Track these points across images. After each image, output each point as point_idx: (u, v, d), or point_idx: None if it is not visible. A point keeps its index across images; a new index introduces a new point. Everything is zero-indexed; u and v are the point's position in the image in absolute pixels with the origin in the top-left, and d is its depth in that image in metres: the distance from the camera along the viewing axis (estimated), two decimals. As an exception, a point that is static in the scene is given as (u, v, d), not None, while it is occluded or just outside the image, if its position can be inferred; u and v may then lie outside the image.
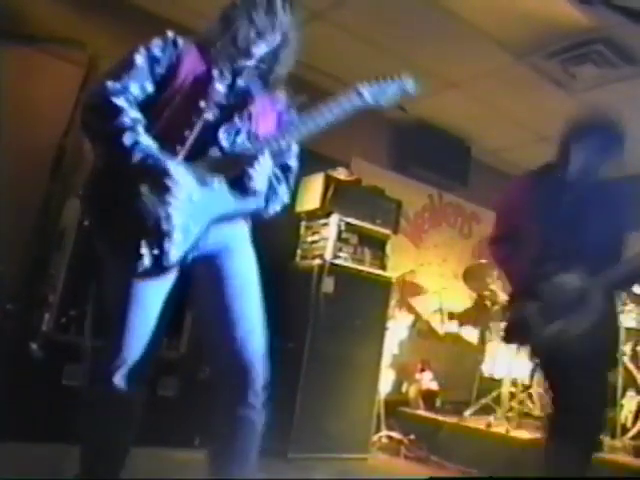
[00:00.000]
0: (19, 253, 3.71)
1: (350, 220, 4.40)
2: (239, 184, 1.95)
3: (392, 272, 4.63)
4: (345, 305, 4.18)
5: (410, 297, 5.52)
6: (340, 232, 4.32)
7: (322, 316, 4.08)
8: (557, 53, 4.29)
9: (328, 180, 4.45)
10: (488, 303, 5.14)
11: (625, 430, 4.01)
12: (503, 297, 4.93)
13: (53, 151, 3.90)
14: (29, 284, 3.63)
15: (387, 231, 4.68)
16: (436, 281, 5.95)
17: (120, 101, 1.86)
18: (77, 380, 3.19)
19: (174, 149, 1.89)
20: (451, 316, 5.82)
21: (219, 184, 1.92)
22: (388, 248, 4.66)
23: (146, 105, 1.94)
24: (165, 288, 1.96)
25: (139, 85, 1.92)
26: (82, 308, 3.28)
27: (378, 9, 4.15)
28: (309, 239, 4.45)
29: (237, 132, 2.00)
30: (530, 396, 4.55)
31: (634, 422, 4.01)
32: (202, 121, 1.94)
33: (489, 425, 4.33)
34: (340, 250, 4.31)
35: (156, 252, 1.81)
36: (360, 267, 4.37)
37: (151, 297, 1.93)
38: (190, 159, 1.90)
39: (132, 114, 1.86)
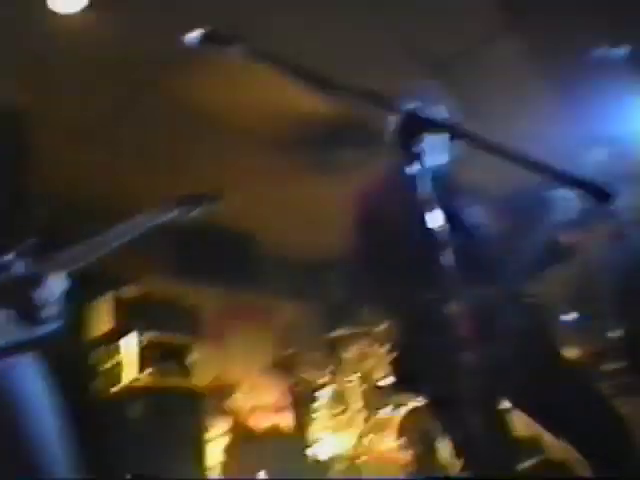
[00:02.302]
0: None
1: (149, 335, 4.24)
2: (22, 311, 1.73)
3: (200, 380, 4.51)
4: (159, 426, 3.95)
5: (224, 401, 5.39)
6: (140, 350, 4.14)
7: (135, 443, 3.81)
8: (315, 141, 4.68)
9: (118, 299, 4.28)
10: (301, 389, 5.20)
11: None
12: (319, 381, 5.03)
13: None
14: None
15: (187, 340, 4.59)
16: (246, 379, 5.88)
17: None
18: None
19: None
20: (267, 409, 5.78)
21: None
22: (191, 357, 4.55)
23: None
24: None
25: None
26: None
27: (144, 121, 4.22)
28: (108, 364, 4.19)
29: None
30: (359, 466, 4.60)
31: None
32: None
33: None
34: (143, 368, 4.11)
35: None
36: (167, 382, 4.20)
37: None
38: None
39: None
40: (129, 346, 4.12)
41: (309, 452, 4.88)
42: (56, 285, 1.74)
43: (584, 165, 2.31)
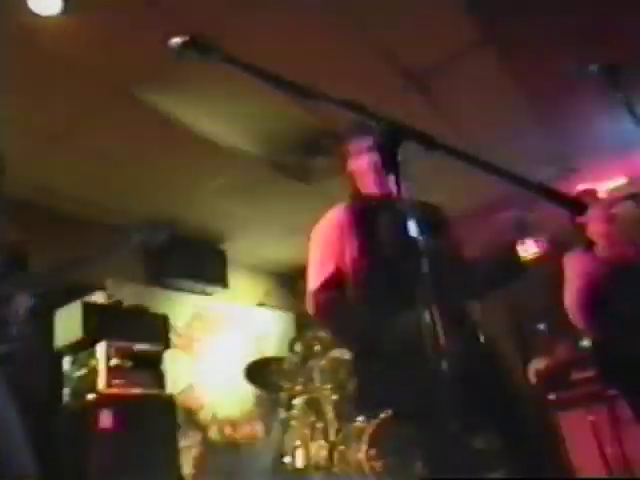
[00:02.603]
0: None
1: (118, 344, 4.18)
2: None
3: (172, 388, 4.47)
4: (130, 436, 3.89)
5: (194, 411, 5.35)
6: (110, 359, 4.08)
7: (106, 454, 3.73)
8: (292, 149, 4.69)
9: (87, 307, 4.21)
10: (275, 397, 5.17)
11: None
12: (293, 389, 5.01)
13: None
14: None
15: (158, 348, 4.54)
16: (217, 389, 5.85)
17: None
18: None
19: None
20: (241, 417, 5.74)
21: None
22: (163, 365, 4.50)
23: None
24: None
25: None
26: None
27: (117, 128, 4.18)
28: (76, 374, 4.12)
29: None
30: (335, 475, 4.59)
31: None
32: None
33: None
34: (114, 378, 4.04)
35: None
36: (138, 391, 4.14)
37: None
38: None
39: None
40: (99, 354, 4.05)
41: (284, 460, 4.85)
42: (23, 304, 1.75)
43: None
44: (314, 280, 2.41)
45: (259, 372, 5.17)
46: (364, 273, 2.26)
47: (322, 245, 2.46)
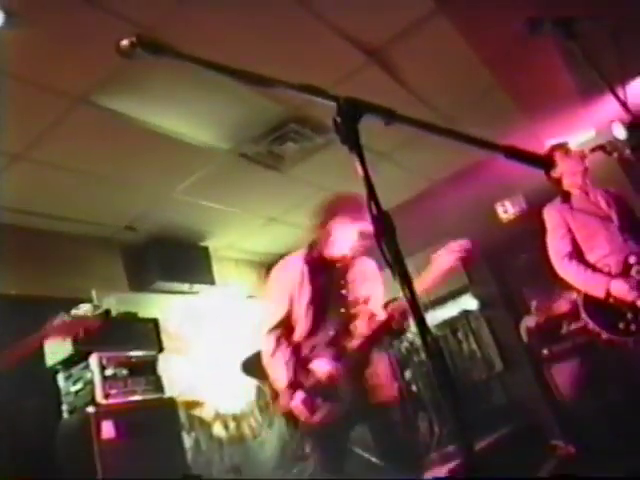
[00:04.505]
0: None
1: (111, 354, 4.16)
2: None
3: (171, 391, 4.47)
4: (135, 443, 3.88)
5: (196, 411, 5.35)
6: (104, 369, 4.06)
7: (113, 463, 3.72)
8: (260, 139, 4.66)
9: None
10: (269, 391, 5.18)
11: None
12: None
13: None
14: None
15: (152, 353, 4.54)
16: (217, 385, 5.84)
17: None
18: None
19: None
20: (240, 414, 5.75)
21: None
22: (158, 369, 4.50)
23: None
24: None
25: None
26: None
27: (79, 138, 4.11)
28: (73, 388, 4.09)
29: None
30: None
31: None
32: None
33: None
34: (110, 388, 4.03)
35: None
36: (137, 398, 4.14)
37: None
38: None
39: None
40: (92, 367, 4.03)
41: (290, 449, 4.87)
42: None
43: None
44: (269, 319, 3.10)
45: (256, 364, 5.18)
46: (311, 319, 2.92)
47: (279, 287, 3.05)
